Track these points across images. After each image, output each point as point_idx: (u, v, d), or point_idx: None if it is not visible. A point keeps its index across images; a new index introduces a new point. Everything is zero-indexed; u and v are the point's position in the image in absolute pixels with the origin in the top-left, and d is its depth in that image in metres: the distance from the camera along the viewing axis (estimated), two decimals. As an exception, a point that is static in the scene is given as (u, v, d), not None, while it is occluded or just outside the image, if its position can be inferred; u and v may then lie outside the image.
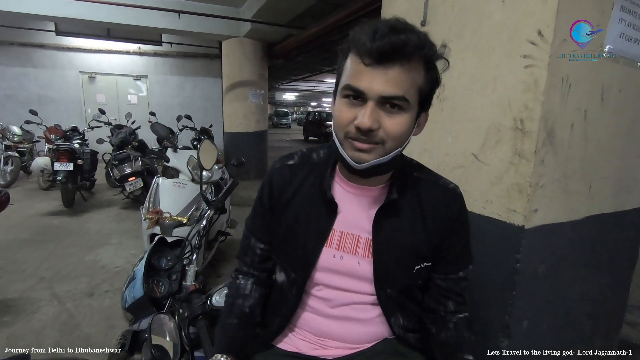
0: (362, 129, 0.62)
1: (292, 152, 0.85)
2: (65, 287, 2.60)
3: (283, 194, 0.80)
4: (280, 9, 5.31)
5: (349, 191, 0.78)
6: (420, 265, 0.76)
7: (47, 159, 4.59)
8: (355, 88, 0.62)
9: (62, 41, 8.21)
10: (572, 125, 1.09)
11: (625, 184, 1.34)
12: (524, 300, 1.13)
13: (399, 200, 0.74)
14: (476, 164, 1.17)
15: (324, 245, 0.77)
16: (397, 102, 0.62)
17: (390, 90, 0.61)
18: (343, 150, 0.67)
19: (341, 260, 0.76)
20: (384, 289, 0.77)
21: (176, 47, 9.02)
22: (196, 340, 1.04)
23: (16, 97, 7.95)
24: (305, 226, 0.78)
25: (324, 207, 0.77)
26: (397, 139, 0.65)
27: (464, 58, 1.19)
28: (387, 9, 1.53)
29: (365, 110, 0.62)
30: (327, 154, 0.81)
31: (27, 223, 4.01)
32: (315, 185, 0.78)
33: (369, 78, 0.61)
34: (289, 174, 0.81)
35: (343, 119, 0.65)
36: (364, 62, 0.61)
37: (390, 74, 0.60)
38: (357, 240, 0.76)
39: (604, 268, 1.37)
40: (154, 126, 3.94)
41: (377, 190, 0.77)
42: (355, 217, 0.77)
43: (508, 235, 1.10)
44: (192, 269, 1.26)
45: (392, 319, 0.79)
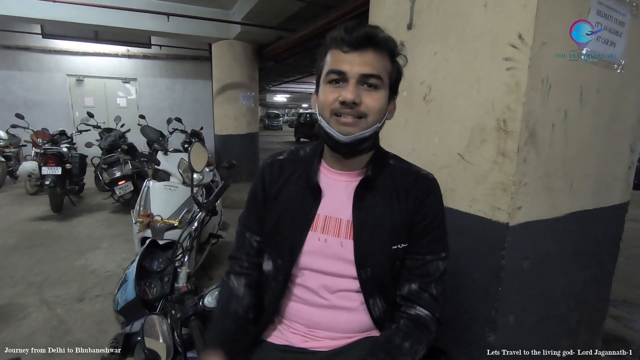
0: (347, 101, 0.72)
1: (282, 150, 0.94)
2: (55, 292, 2.58)
3: (273, 186, 0.87)
4: (270, 12, 5.32)
5: (332, 178, 0.85)
6: (397, 246, 0.80)
7: (34, 164, 4.52)
8: (338, 70, 0.74)
9: (49, 44, 8.10)
10: (553, 125, 1.13)
11: (605, 181, 1.38)
12: (509, 296, 1.17)
13: (375, 180, 0.82)
14: (462, 163, 1.21)
15: (310, 229, 0.82)
16: (373, 82, 0.74)
17: (368, 69, 0.73)
18: (330, 127, 0.76)
19: (326, 243, 0.81)
20: (364, 267, 0.80)
21: (165, 50, 8.96)
22: (189, 341, 1.04)
23: (2, 100, 7.81)
24: (292, 214, 0.84)
25: (309, 193, 0.84)
26: (377, 112, 0.75)
27: (449, 60, 1.22)
28: (374, 12, 1.55)
29: (348, 86, 0.73)
30: (312, 149, 0.90)
31: (15, 228, 3.95)
32: (302, 176, 0.86)
33: (349, 61, 0.73)
34: (278, 167, 0.89)
35: (328, 100, 0.75)
36: (342, 51, 0.73)
37: (366, 57, 0.73)
38: (339, 223, 0.82)
39: (587, 263, 1.41)
40: (144, 129, 3.92)
41: (356, 175, 0.84)
42: (337, 201, 0.83)
43: (493, 233, 1.13)
44: (184, 270, 1.27)
45: (371, 302, 0.82)
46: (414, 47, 1.34)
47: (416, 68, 1.33)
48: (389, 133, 1.40)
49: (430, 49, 1.28)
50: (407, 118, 1.37)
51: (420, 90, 1.32)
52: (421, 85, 1.32)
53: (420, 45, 1.32)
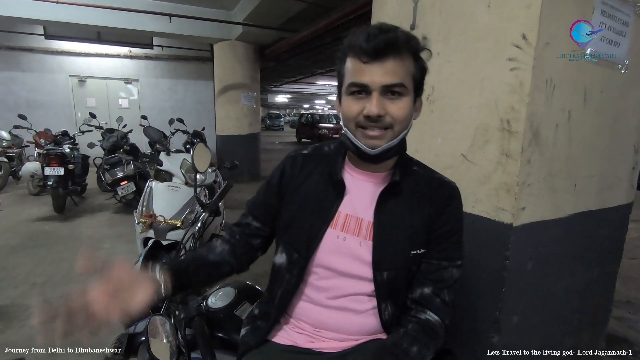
0: (372, 115, 0.71)
1: (307, 145, 0.94)
2: (58, 292, 2.58)
3: (294, 179, 0.86)
4: (272, 12, 5.33)
5: (356, 177, 0.84)
6: (417, 251, 0.80)
7: (37, 164, 4.53)
8: (359, 83, 0.71)
9: (51, 45, 8.11)
10: (557, 125, 1.13)
11: (609, 181, 1.38)
12: (513, 296, 1.16)
13: (400, 183, 0.80)
14: (465, 164, 1.20)
15: (329, 226, 0.81)
16: (397, 89, 0.71)
17: (390, 79, 0.70)
18: (357, 139, 0.75)
19: (344, 241, 0.80)
20: (380, 270, 0.79)
21: (167, 50, 8.97)
22: (193, 341, 1.04)
23: (4, 101, 7.83)
24: (312, 208, 0.83)
25: (332, 189, 0.83)
26: (403, 121, 0.74)
27: (451, 60, 1.22)
28: (377, 12, 1.55)
29: (372, 100, 0.71)
30: (337, 146, 0.88)
31: (17, 229, 3.96)
32: (325, 172, 0.85)
33: (370, 73, 0.70)
34: (301, 161, 0.88)
35: (352, 112, 0.73)
36: (362, 61, 0.70)
37: (387, 67, 0.70)
38: (360, 223, 0.81)
39: (590, 263, 1.41)
40: (146, 130, 3.92)
41: (382, 177, 0.83)
42: (360, 201, 0.82)
43: (497, 233, 1.13)
44: (187, 271, 1.27)
45: (383, 306, 0.81)
46: (417, 48, 1.34)
47: (419, 68, 1.33)
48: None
49: (433, 49, 1.28)
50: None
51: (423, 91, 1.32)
52: (424, 86, 1.31)
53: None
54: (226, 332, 1.08)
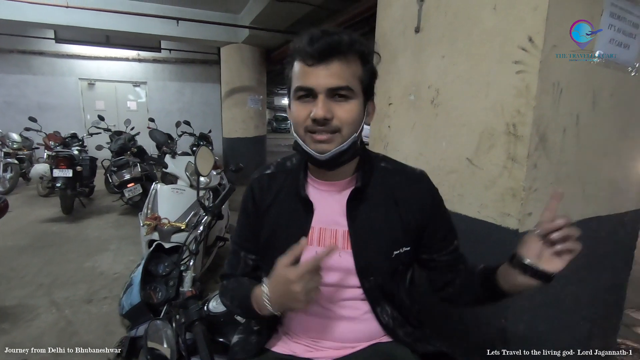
0: (318, 119, 0.69)
1: (269, 163, 0.92)
2: (64, 293, 2.60)
3: (263, 201, 0.85)
4: (278, 16, 5.35)
5: (321, 189, 0.83)
6: (399, 250, 0.79)
7: (46, 166, 4.59)
8: (304, 87, 0.70)
9: (62, 48, 8.25)
10: (565, 129, 1.10)
11: (619, 186, 1.35)
12: (519, 304, 1.14)
13: (365, 188, 0.79)
14: (470, 168, 1.18)
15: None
16: (343, 93, 0.70)
17: (335, 82, 0.69)
18: (306, 145, 0.73)
19: None
20: (366, 277, 0.79)
21: (175, 54, 9.07)
22: (193, 346, 1.04)
23: (16, 104, 7.98)
24: (286, 228, 0.82)
25: (301, 207, 0.82)
26: (351, 124, 0.72)
27: (456, 63, 1.20)
28: (382, 15, 1.54)
29: (318, 103, 0.70)
30: (298, 159, 0.87)
31: (26, 230, 4.01)
32: (292, 190, 0.83)
33: (315, 76, 0.69)
34: (267, 182, 0.87)
35: (300, 117, 0.72)
36: (307, 64, 0.70)
37: (331, 69, 0.69)
38: (335, 234, 0.80)
39: (599, 271, 1.38)
40: (152, 132, 3.96)
41: (345, 184, 0.82)
42: (330, 213, 0.81)
43: (503, 239, 1.11)
44: (189, 274, 1.26)
45: (379, 309, 0.81)
46: (422, 50, 1.33)
47: (424, 71, 1.32)
48: (396, 137, 1.39)
49: (438, 52, 1.26)
50: (415, 122, 1.35)
51: (427, 94, 1.30)
52: (429, 89, 1.30)
53: (428, 49, 1.30)
54: (227, 336, 1.07)
